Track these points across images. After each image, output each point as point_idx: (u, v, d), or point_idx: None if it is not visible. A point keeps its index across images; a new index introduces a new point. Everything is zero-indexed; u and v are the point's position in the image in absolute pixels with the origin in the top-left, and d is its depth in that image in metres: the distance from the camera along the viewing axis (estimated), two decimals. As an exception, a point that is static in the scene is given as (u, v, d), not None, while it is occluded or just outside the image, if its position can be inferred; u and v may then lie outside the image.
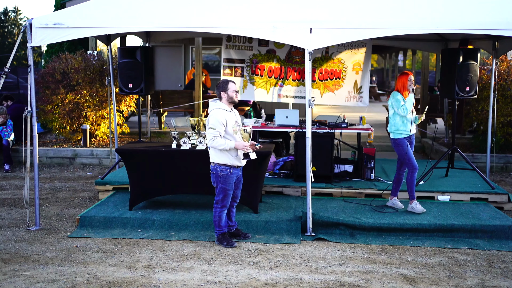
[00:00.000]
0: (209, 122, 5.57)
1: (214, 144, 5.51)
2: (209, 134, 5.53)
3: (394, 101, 6.58)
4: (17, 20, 50.06)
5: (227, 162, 5.58)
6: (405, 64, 28.83)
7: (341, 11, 6.18)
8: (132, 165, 6.67)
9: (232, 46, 9.10)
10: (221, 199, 5.65)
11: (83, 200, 7.71)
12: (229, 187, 5.64)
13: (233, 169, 5.63)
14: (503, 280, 4.93)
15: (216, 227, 5.75)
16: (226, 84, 5.64)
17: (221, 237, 5.75)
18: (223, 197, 5.65)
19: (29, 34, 6.15)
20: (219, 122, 5.51)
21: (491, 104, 8.08)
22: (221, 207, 5.68)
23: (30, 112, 6.19)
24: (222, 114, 5.55)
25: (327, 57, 8.98)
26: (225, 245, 5.70)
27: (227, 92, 5.61)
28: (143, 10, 6.38)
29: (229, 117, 5.59)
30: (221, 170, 5.60)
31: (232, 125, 5.60)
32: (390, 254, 5.57)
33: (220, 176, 5.61)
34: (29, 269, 5.08)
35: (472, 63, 7.68)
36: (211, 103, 5.70)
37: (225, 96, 5.62)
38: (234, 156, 5.62)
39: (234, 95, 5.63)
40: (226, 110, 5.61)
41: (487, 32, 6.28)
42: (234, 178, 5.67)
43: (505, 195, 7.21)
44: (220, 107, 5.61)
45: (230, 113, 5.66)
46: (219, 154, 5.59)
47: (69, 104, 10.65)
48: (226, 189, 5.64)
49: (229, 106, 5.66)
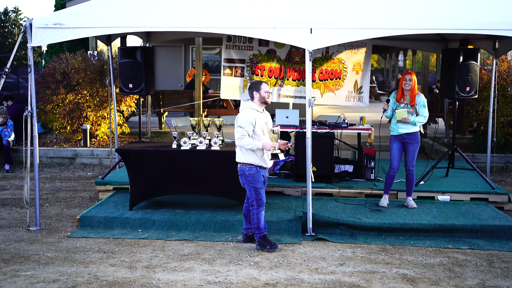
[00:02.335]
0: (238, 121, 5.54)
1: (242, 143, 5.46)
2: (237, 133, 5.49)
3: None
4: (17, 20, 50.06)
5: (253, 162, 5.52)
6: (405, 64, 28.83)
7: (341, 11, 6.18)
8: (133, 165, 6.67)
9: (232, 46, 9.10)
10: (255, 199, 5.55)
11: (83, 200, 7.71)
12: (259, 185, 5.55)
13: (260, 168, 5.57)
14: (503, 280, 4.93)
15: (255, 230, 5.61)
16: (259, 85, 5.60)
17: (263, 240, 5.61)
18: (257, 196, 5.55)
19: (29, 34, 6.15)
20: (248, 121, 5.47)
21: (491, 104, 8.08)
22: (258, 207, 5.56)
23: (30, 112, 6.19)
24: (252, 114, 5.51)
25: (327, 57, 8.98)
26: (268, 249, 5.56)
27: (260, 92, 5.57)
28: (143, 10, 6.38)
29: (258, 117, 5.55)
30: (247, 169, 5.53)
31: (261, 126, 5.56)
32: (391, 254, 5.57)
33: (248, 175, 5.54)
34: (30, 269, 5.08)
35: (472, 63, 7.67)
36: (243, 102, 5.69)
37: (257, 96, 5.59)
38: (260, 157, 5.55)
39: (267, 95, 5.60)
40: (256, 110, 5.57)
41: (487, 32, 6.28)
42: (261, 177, 5.61)
43: (506, 195, 7.21)
44: (250, 107, 5.58)
45: (261, 113, 5.62)
46: (245, 154, 5.54)
47: (70, 104, 10.65)
48: (257, 188, 5.55)
49: (260, 106, 5.62)
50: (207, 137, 6.70)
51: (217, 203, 6.95)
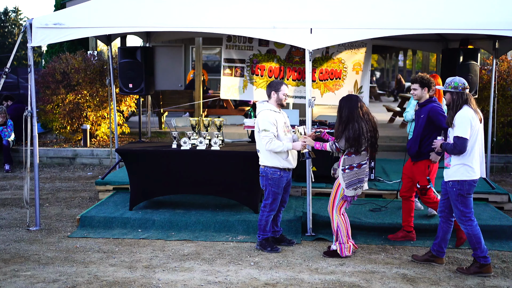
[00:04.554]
0: (259, 125, 5.43)
1: (272, 146, 5.35)
2: (265, 138, 5.37)
3: None
4: (17, 20, 50.06)
5: (277, 165, 5.44)
6: (405, 64, 28.84)
7: (341, 11, 6.18)
8: (132, 165, 6.67)
9: (232, 46, 9.10)
10: (270, 203, 5.51)
11: (83, 200, 7.71)
12: (279, 190, 5.51)
13: (284, 172, 5.49)
14: (503, 280, 4.93)
15: (260, 231, 5.61)
16: (279, 85, 5.53)
17: (265, 242, 5.61)
18: (272, 201, 5.51)
19: (29, 34, 6.15)
20: (270, 123, 5.39)
21: (491, 104, 8.07)
22: (269, 211, 5.54)
23: (30, 112, 6.19)
24: (272, 115, 5.44)
25: (327, 57, 8.98)
26: (269, 251, 5.56)
27: (278, 93, 5.49)
28: (143, 10, 6.38)
29: (278, 118, 5.49)
30: (271, 173, 5.46)
31: (282, 126, 5.50)
32: (390, 254, 5.57)
33: (270, 179, 5.47)
34: (29, 269, 5.08)
35: (472, 63, 7.67)
36: (259, 104, 5.61)
37: (274, 97, 5.51)
38: (285, 158, 5.47)
39: (284, 98, 5.53)
40: (274, 111, 5.50)
41: (487, 32, 6.28)
42: (285, 182, 5.53)
43: (505, 195, 7.21)
44: (268, 108, 5.50)
45: (279, 114, 5.55)
46: (268, 157, 5.45)
47: (69, 104, 10.65)
48: (276, 193, 5.50)
49: (277, 107, 5.55)
50: (207, 137, 6.70)
51: (217, 203, 6.95)
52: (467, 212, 4.97)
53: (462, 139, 4.83)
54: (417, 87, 5.74)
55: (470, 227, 4.96)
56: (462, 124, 4.87)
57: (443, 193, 5.19)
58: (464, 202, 4.97)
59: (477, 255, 4.98)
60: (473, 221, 4.99)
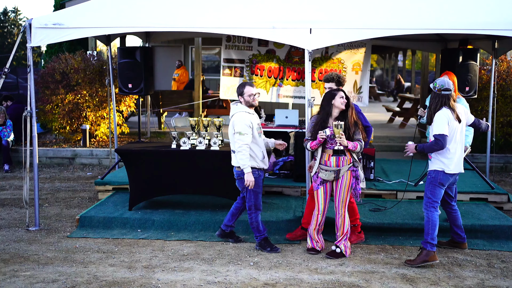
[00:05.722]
0: (235, 127, 5.43)
1: (239, 156, 5.38)
2: (238, 141, 5.38)
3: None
4: (17, 20, 50.03)
5: (254, 165, 5.47)
6: (404, 64, 28.81)
7: (341, 11, 6.18)
8: (132, 165, 6.67)
9: (231, 46, 9.09)
10: (253, 203, 5.53)
11: (82, 200, 7.71)
12: (259, 189, 5.54)
13: (261, 171, 5.54)
14: (502, 280, 4.93)
15: (256, 232, 5.61)
16: (242, 88, 5.53)
17: (264, 242, 5.61)
18: (255, 201, 5.53)
19: (29, 34, 6.15)
20: (246, 125, 5.39)
21: (490, 104, 8.08)
22: (256, 210, 5.56)
23: (29, 112, 6.18)
24: (248, 117, 5.45)
25: (327, 57, 8.98)
26: (269, 251, 5.56)
27: (243, 96, 5.51)
28: (143, 10, 6.38)
29: (253, 120, 5.50)
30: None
31: (257, 128, 5.53)
32: (390, 254, 5.57)
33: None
34: (29, 269, 5.07)
35: (472, 63, 7.67)
36: (233, 106, 5.62)
37: (242, 101, 5.55)
38: (261, 159, 5.53)
39: (251, 99, 5.51)
40: (249, 112, 5.51)
41: (487, 32, 6.28)
42: (262, 181, 5.58)
43: (505, 195, 7.21)
44: (242, 110, 5.51)
45: (253, 115, 5.56)
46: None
47: (69, 104, 10.65)
48: (257, 192, 5.52)
49: (250, 108, 5.55)
50: (206, 137, 6.70)
51: (216, 203, 6.94)
52: (433, 201, 5.30)
53: (442, 135, 5.16)
54: (333, 85, 5.71)
55: (431, 213, 5.29)
56: (439, 122, 5.20)
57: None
58: (433, 191, 5.31)
59: (427, 240, 5.27)
60: (436, 210, 5.30)
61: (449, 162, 5.26)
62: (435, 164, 5.33)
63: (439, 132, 5.16)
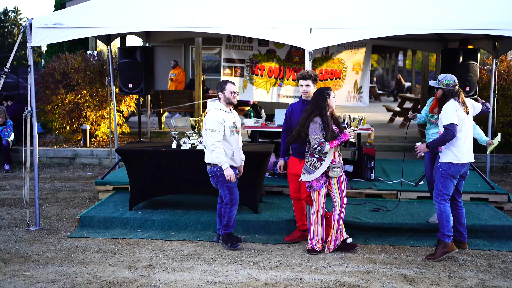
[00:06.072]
0: (207, 123, 5.51)
1: (214, 154, 5.44)
2: (210, 138, 5.45)
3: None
4: (17, 20, 50.03)
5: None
6: (405, 64, 28.81)
7: (341, 11, 6.18)
8: (132, 165, 6.67)
9: (232, 46, 9.10)
10: (229, 198, 5.57)
11: (83, 200, 7.71)
12: (233, 184, 5.57)
13: (232, 169, 5.58)
14: (503, 280, 4.93)
15: (223, 226, 5.66)
16: (224, 85, 5.59)
17: (226, 237, 5.66)
18: (231, 195, 5.57)
19: (29, 34, 6.15)
20: (218, 123, 5.46)
21: (491, 104, 8.07)
22: (232, 205, 5.60)
23: (30, 112, 6.19)
24: (220, 114, 5.51)
25: (327, 57, 8.98)
26: (229, 246, 5.61)
27: (224, 92, 5.57)
28: (143, 10, 6.38)
29: (227, 118, 5.54)
30: (219, 170, 5.53)
31: (230, 126, 5.56)
32: (390, 254, 5.57)
33: (221, 176, 5.54)
34: (29, 269, 5.08)
35: (472, 63, 7.67)
36: (209, 103, 5.67)
37: (222, 97, 5.59)
38: (231, 156, 5.59)
39: (231, 96, 5.57)
40: (224, 110, 5.56)
41: (487, 32, 6.28)
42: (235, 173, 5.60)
43: (505, 195, 7.21)
44: (218, 107, 5.57)
45: (229, 114, 5.60)
46: None
47: (69, 104, 10.65)
48: (231, 187, 5.57)
49: (227, 106, 5.61)
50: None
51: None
52: (444, 193, 5.40)
53: (452, 125, 5.27)
54: (311, 83, 5.70)
55: (443, 206, 5.40)
56: (448, 113, 5.31)
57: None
58: (444, 183, 5.40)
59: (443, 232, 5.39)
60: (447, 202, 5.41)
61: (458, 151, 5.37)
62: (446, 156, 5.41)
63: (448, 122, 5.26)
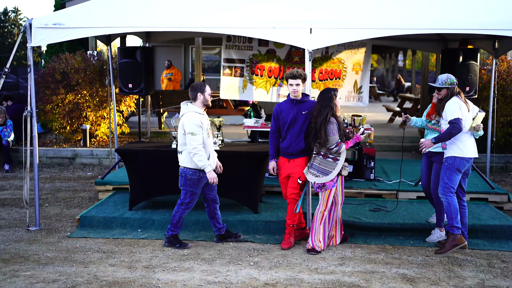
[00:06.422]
0: (185, 127, 5.47)
1: (196, 158, 5.42)
2: (192, 142, 5.41)
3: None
4: (17, 20, 50.03)
5: (197, 167, 5.51)
6: (405, 64, 28.82)
7: (341, 11, 6.18)
8: (132, 165, 6.67)
9: (232, 46, 9.10)
10: (187, 202, 5.61)
11: (83, 200, 7.71)
12: (197, 190, 5.62)
13: (203, 173, 5.54)
14: (503, 280, 4.93)
15: (172, 226, 5.68)
16: (204, 86, 5.61)
17: (173, 239, 5.70)
18: (190, 201, 5.62)
19: (29, 34, 6.15)
20: (197, 126, 5.45)
21: (491, 104, 8.08)
22: (185, 208, 5.64)
23: (30, 112, 6.19)
24: (198, 117, 5.50)
25: (327, 57, 8.99)
26: (178, 247, 5.65)
27: (205, 94, 5.58)
28: (143, 10, 6.39)
29: (204, 120, 5.55)
30: (191, 174, 5.53)
31: (207, 128, 5.57)
32: (390, 254, 5.57)
33: (189, 179, 5.54)
34: (29, 269, 5.08)
35: (472, 63, 7.67)
36: (183, 106, 5.65)
37: (201, 98, 5.58)
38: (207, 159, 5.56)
39: (209, 98, 5.64)
40: (199, 113, 5.56)
41: (487, 32, 6.28)
42: (204, 182, 5.61)
43: (505, 195, 7.22)
44: (193, 110, 5.55)
45: (203, 115, 5.62)
46: (190, 159, 5.51)
47: (69, 104, 10.65)
48: (194, 193, 5.61)
49: (202, 108, 5.62)
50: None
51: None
52: (450, 186, 5.49)
53: (457, 119, 5.37)
54: (301, 82, 5.69)
55: (450, 198, 5.48)
56: (452, 109, 5.42)
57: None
58: (450, 177, 5.49)
59: (452, 224, 5.50)
60: (454, 194, 5.51)
61: (463, 146, 5.47)
62: (451, 150, 5.49)
63: (453, 116, 5.36)
